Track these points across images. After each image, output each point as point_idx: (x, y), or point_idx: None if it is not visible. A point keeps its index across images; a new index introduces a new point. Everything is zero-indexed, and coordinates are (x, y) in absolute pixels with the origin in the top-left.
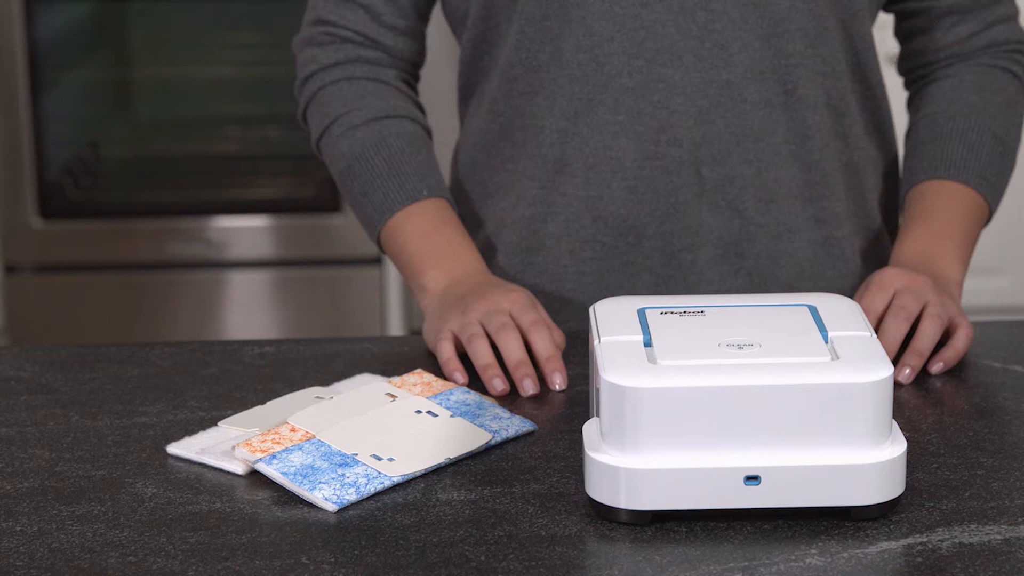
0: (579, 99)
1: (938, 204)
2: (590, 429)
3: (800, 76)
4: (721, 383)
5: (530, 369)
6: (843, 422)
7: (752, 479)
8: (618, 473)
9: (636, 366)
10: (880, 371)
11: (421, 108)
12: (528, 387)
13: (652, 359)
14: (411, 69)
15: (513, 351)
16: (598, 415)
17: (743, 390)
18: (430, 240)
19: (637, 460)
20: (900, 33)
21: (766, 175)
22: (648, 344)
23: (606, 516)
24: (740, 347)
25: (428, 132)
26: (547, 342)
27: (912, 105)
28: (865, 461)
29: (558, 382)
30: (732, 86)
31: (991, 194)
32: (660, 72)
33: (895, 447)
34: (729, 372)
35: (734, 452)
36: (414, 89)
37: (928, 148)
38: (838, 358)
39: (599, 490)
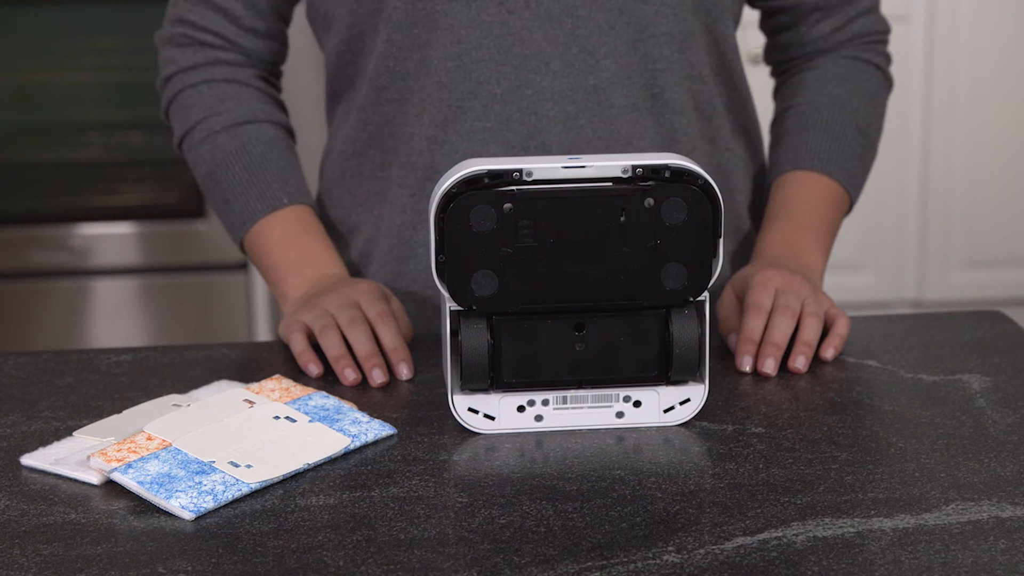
0: (448, 106)
1: (801, 195)
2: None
3: (667, 80)
4: None
5: (379, 360)
6: None
7: None
8: None
9: None
10: None
11: (283, 106)
12: (377, 376)
13: None
14: (272, 68)
15: (362, 344)
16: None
17: None
18: (291, 249)
19: None
20: (766, 28)
21: None
22: None
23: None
24: None
25: (290, 132)
26: (393, 333)
27: (778, 95)
28: None
29: (404, 372)
30: (599, 91)
31: (852, 186)
32: (528, 78)
33: None
34: None
35: None
36: (276, 87)
37: (792, 139)
38: None
39: None
